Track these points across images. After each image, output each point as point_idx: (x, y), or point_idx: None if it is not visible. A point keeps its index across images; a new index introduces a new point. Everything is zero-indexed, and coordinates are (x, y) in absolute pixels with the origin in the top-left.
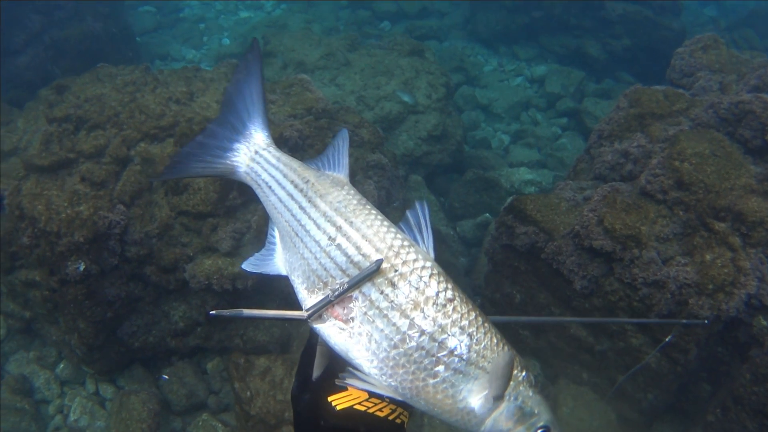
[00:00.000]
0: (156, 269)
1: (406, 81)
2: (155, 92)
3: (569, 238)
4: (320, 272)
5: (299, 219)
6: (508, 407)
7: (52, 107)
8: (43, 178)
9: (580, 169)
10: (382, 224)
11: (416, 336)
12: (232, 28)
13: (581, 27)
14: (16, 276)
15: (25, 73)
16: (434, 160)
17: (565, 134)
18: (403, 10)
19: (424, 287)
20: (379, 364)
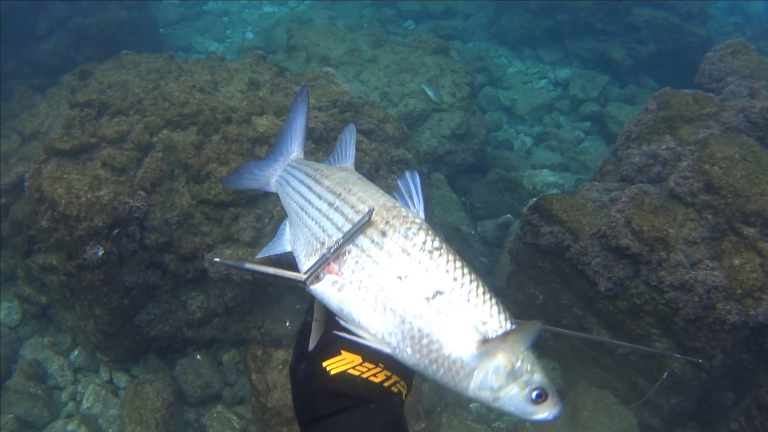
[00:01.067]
0: (175, 257)
1: (430, 79)
2: (179, 80)
3: (595, 238)
4: (319, 234)
5: (306, 196)
6: (498, 360)
7: (75, 92)
8: (63, 162)
9: (607, 170)
10: (377, 191)
11: (403, 276)
12: (255, 22)
13: (607, 31)
14: (34, 260)
15: (48, 59)
16: (457, 159)
17: (588, 138)
18: (427, 9)
19: (412, 236)
20: (368, 309)
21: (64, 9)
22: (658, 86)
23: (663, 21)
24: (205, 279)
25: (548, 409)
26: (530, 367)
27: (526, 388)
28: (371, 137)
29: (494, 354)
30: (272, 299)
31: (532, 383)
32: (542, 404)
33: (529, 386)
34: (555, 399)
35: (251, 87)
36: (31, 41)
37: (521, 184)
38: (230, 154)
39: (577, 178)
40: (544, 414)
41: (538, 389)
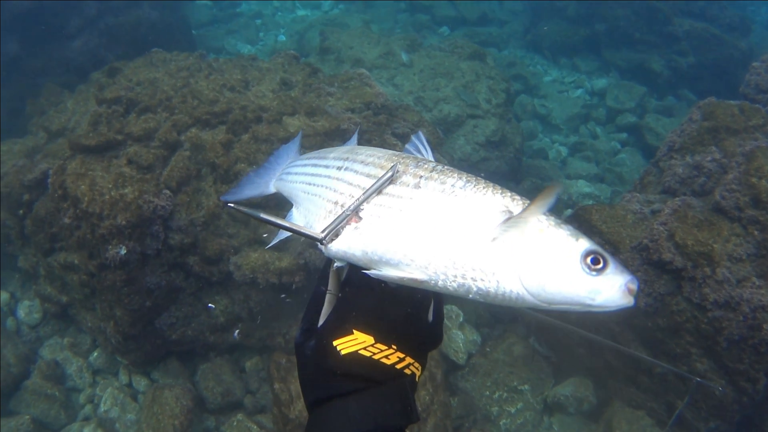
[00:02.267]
0: (199, 259)
1: (466, 84)
2: (209, 78)
3: (636, 251)
4: (330, 196)
5: (311, 172)
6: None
7: (103, 89)
8: (88, 158)
9: (648, 181)
10: (384, 150)
11: (418, 194)
12: (288, 25)
13: (646, 42)
14: (55, 258)
15: (78, 57)
16: (491, 166)
17: (624, 149)
18: (462, 15)
19: (423, 165)
20: (390, 240)
21: (96, 8)
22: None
23: (704, 32)
24: (230, 282)
25: (615, 279)
26: (571, 233)
27: (574, 254)
28: (405, 141)
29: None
30: (299, 306)
31: (579, 248)
32: (604, 272)
33: (578, 251)
34: (618, 265)
35: (283, 87)
36: (61, 39)
37: None
38: (259, 154)
39: (613, 189)
40: (615, 288)
41: (591, 252)
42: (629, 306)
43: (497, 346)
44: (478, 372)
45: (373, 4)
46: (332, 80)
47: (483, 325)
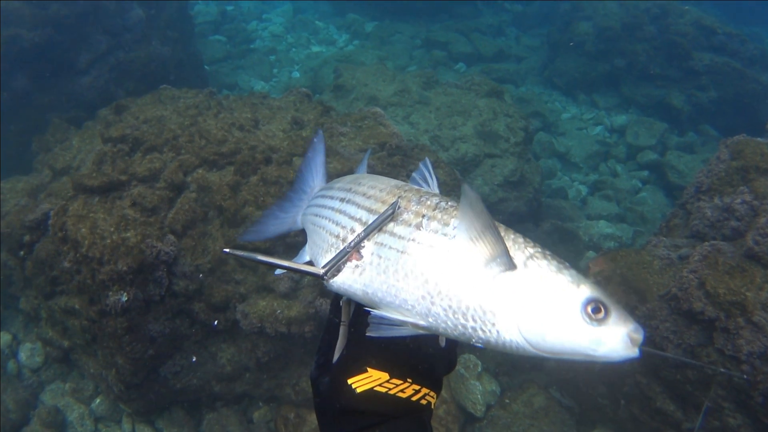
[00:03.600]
0: (205, 306)
1: (483, 122)
2: (218, 117)
3: (664, 301)
4: (333, 229)
5: (319, 204)
6: (524, 282)
7: (109, 127)
8: (91, 199)
9: (674, 224)
10: (389, 179)
11: (419, 236)
12: (303, 61)
13: (666, 77)
14: (56, 302)
15: (88, 93)
16: (510, 207)
17: (645, 188)
18: (479, 51)
19: (426, 200)
20: (391, 281)
21: (107, 43)
22: (718, 134)
23: (724, 66)
24: (236, 331)
25: (618, 329)
26: (573, 279)
27: (575, 301)
28: None
29: (524, 275)
30: (309, 355)
31: (581, 296)
32: (606, 321)
33: (578, 299)
34: (621, 313)
35: (294, 126)
36: (71, 75)
37: (577, 236)
38: (268, 197)
39: (635, 230)
40: (617, 338)
41: (592, 301)
42: (634, 357)
43: (517, 397)
44: (497, 425)
45: (388, 40)
46: (345, 119)
47: (502, 373)
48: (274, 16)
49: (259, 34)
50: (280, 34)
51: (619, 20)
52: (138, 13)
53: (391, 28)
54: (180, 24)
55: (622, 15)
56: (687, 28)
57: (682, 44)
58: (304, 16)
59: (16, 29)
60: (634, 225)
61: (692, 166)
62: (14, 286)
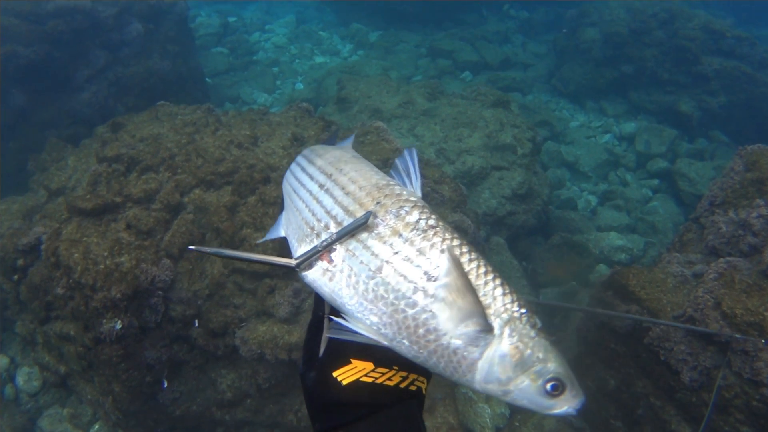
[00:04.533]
0: (203, 332)
1: (489, 134)
2: (216, 134)
3: (679, 322)
4: (309, 218)
5: (298, 177)
6: (501, 346)
7: (105, 145)
8: (85, 222)
9: (688, 239)
10: (371, 169)
11: (394, 260)
12: (306, 72)
13: (674, 82)
14: (51, 327)
15: (86, 109)
16: (518, 220)
17: (656, 197)
18: (485, 60)
19: (405, 215)
20: (359, 299)
21: (105, 58)
22: (729, 140)
23: (734, 70)
24: (236, 356)
25: (567, 402)
26: (542, 355)
27: (538, 379)
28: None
29: (497, 339)
30: None
31: (545, 373)
32: (560, 397)
33: (542, 377)
34: (574, 390)
35: (294, 143)
36: (69, 91)
37: (587, 249)
38: (266, 218)
39: (646, 241)
40: (563, 408)
41: (553, 380)
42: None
43: (527, 420)
44: None
45: (392, 49)
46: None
47: None
48: (277, 26)
49: (261, 45)
50: (284, 45)
51: (627, 25)
52: (137, 27)
53: (395, 37)
54: (180, 37)
55: (629, 20)
56: (695, 32)
57: (691, 49)
58: (307, 27)
59: (12, 46)
60: (645, 236)
61: (704, 174)
62: (10, 309)
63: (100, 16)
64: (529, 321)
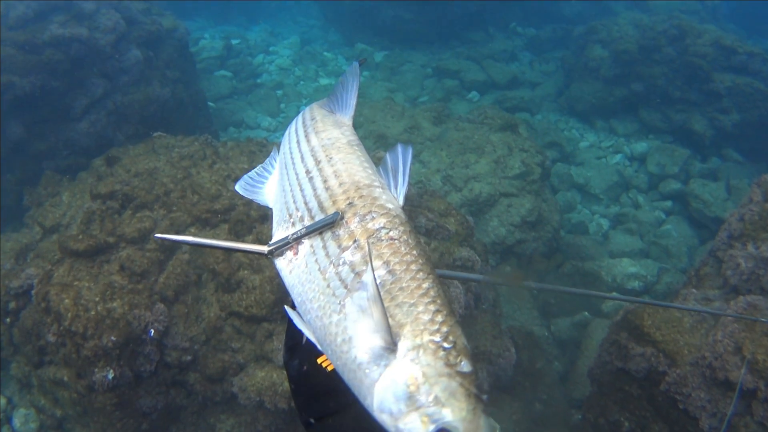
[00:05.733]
0: (201, 377)
1: (497, 159)
2: (213, 168)
3: (697, 368)
4: (290, 204)
5: (292, 151)
6: (397, 371)
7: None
8: (77, 264)
9: (705, 274)
10: (360, 164)
11: (339, 264)
12: (311, 95)
13: (686, 100)
14: (45, 371)
15: (85, 139)
16: (528, 249)
17: (669, 219)
18: (492, 79)
19: (370, 220)
20: (303, 296)
21: (103, 86)
22: (742, 159)
23: (747, 87)
24: (236, 401)
25: None
26: (443, 397)
27: (429, 424)
28: (431, 236)
29: (397, 363)
30: None
31: (438, 420)
32: None
33: (434, 423)
34: None
35: None
36: (67, 120)
37: (599, 277)
38: (264, 259)
39: (660, 267)
40: None
41: (443, 430)
42: None
43: None
44: None
45: (398, 70)
46: None
47: None
48: (281, 48)
49: (265, 68)
50: (288, 67)
51: (636, 43)
52: (135, 54)
53: (400, 57)
54: (181, 63)
55: (639, 37)
56: (706, 48)
57: (702, 66)
58: (311, 48)
59: (8, 76)
60: (658, 260)
61: (717, 195)
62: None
63: (98, 44)
64: (446, 355)
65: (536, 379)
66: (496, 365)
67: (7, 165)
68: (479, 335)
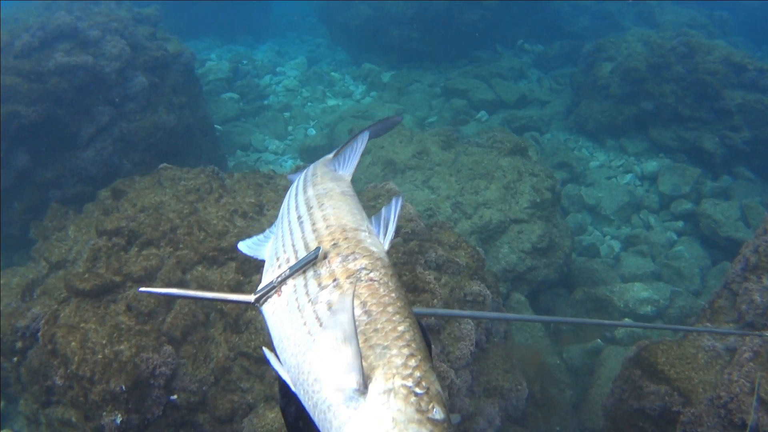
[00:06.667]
0: (210, 418)
1: (507, 185)
2: (219, 203)
3: (713, 407)
4: (279, 249)
5: (289, 203)
6: (364, 416)
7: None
8: (84, 304)
9: (719, 307)
10: (350, 210)
11: (317, 303)
12: (318, 117)
13: (696, 118)
14: (53, 411)
15: (91, 167)
16: (539, 276)
17: (681, 240)
18: (500, 98)
19: (351, 261)
20: (280, 334)
21: (109, 114)
22: (754, 176)
23: (757, 104)
24: None
25: None
26: None
27: None
28: (441, 271)
29: (365, 410)
30: None
31: None
32: None
33: None
34: None
35: None
36: (73, 149)
37: (612, 303)
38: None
39: (672, 290)
40: None
41: None
42: None
43: None
44: None
45: (406, 90)
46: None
47: None
48: (288, 69)
49: (272, 89)
50: (295, 88)
51: (645, 60)
52: (141, 81)
53: (408, 77)
54: (187, 88)
55: (648, 55)
56: (716, 66)
57: (712, 83)
58: (318, 68)
59: (14, 105)
60: (671, 283)
61: (729, 215)
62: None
63: (104, 72)
64: (418, 401)
65: (549, 410)
66: (508, 400)
67: (14, 193)
68: (491, 369)
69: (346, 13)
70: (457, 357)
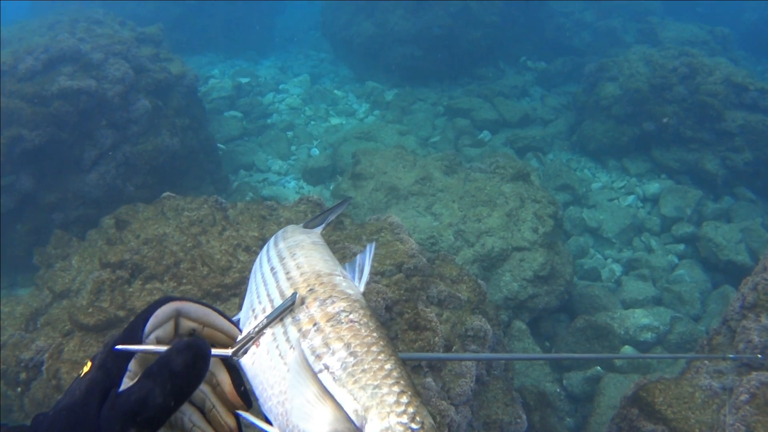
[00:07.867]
0: None
1: (510, 212)
2: (222, 236)
3: None
4: (255, 303)
5: (261, 258)
6: None
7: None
8: (88, 338)
9: (717, 344)
10: (322, 257)
11: (300, 347)
12: (321, 136)
13: (698, 140)
14: None
15: (95, 191)
16: (540, 303)
17: (682, 264)
18: (503, 117)
19: (330, 304)
20: (264, 383)
21: (112, 137)
22: (755, 197)
23: (759, 125)
24: None
25: None
26: None
27: None
28: (443, 306)
29: None
30: None
31: None
32: None
33: None
34: None
35: None
36: (77, 172)
37: (612, 331)
38: None
39: (673, 315)
40: None
41: None
42: None
43: None
44: None
45: (409, 109)
46: (360, 232)
47: None
48: (291, 86)
49: (276, 107)
50: (298, 107)
51: (647, 81)
52: (144, 104)
53: (411, 95)
54: (190, 109)
55: (650, 75)
56: (717, 87)
57: (714, 105)
58: (321, 86)
59: (17, 129)
60: (671, 307)
61: (730, 238)
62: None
63: (107, 95)
64: None
65: None
66: None
67: (17, 216)
68: (491, 403)
69: (350, 31)
70: (458, 393)
